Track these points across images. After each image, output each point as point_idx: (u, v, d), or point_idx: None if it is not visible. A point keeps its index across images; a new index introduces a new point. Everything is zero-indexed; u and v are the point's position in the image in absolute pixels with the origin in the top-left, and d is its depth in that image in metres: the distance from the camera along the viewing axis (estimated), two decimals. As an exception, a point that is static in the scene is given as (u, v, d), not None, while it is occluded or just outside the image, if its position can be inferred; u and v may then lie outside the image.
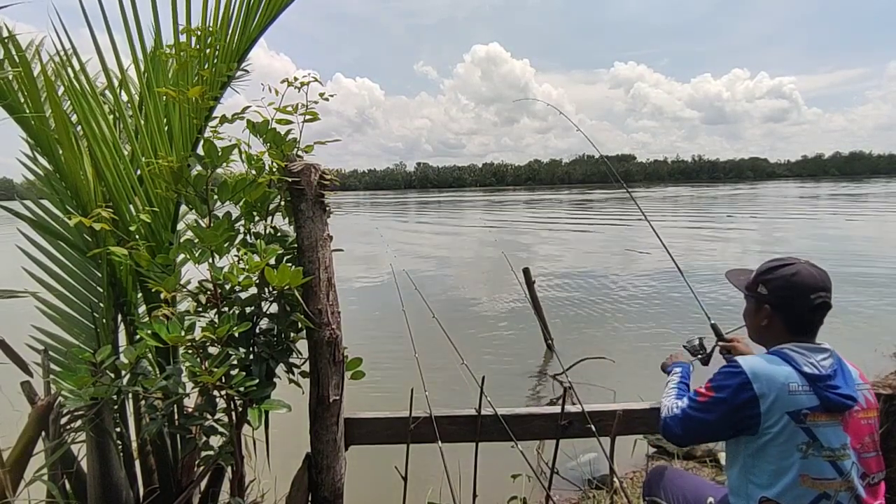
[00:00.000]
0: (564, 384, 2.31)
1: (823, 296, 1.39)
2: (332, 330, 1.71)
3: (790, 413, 1.32)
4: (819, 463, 1.31)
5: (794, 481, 1.31)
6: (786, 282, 1.43)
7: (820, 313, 1.42)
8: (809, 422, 1.32)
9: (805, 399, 1.32)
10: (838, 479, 1.32)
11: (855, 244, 14.14)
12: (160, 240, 1.79)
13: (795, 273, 1.42)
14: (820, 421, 1.32)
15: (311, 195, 1.69)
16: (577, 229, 21.34)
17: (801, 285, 1.40)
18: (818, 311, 1.41)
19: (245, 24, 1.77)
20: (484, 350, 6.29)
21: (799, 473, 1.31)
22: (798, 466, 1.31)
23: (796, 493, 1.31)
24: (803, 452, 1.31)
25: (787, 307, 1.43)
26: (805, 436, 1.31)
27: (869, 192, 44.50)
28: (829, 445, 1.32)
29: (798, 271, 1.42)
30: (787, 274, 1.43)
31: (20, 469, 1.59)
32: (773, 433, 1.32)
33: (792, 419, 1.31)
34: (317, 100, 1.80)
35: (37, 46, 2.11)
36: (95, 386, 1.46)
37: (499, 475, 2.16)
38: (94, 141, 1.73)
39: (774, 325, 1.46)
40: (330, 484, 1.80)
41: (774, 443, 1.33)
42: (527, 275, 6.06)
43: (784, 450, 1.32)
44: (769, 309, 1.46)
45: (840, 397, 1.33)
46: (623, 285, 9.63)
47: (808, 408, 1.32)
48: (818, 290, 1.39)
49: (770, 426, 1.32)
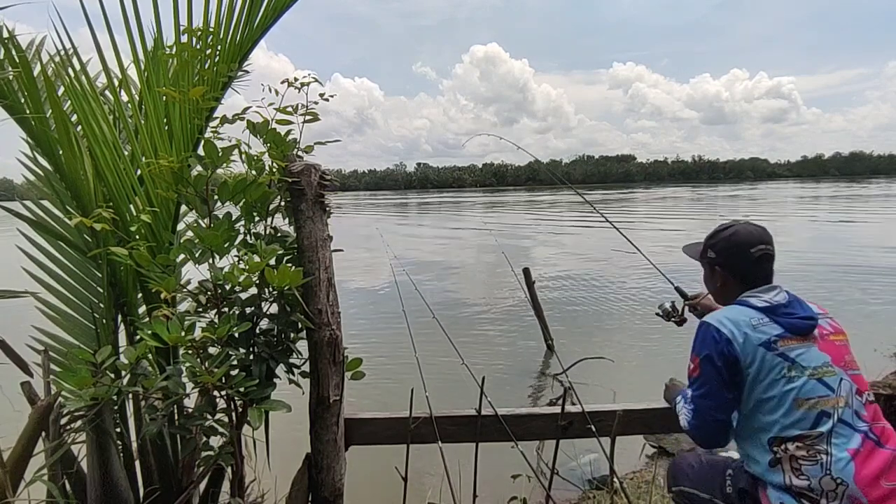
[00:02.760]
0: (564, 384, 2.31)
1: (763, 248, 1.53)
2: (332, 330, 1.71)
3: (762, 345, 1.40)
4: (806, 383, 1.36)
5: (790, 408, 1.35)
6: (727, 241, 1.58)
7: (764, 264, 1.54)
8: (782, 347, 1.40)
9: (770, 328, 1.42)
10: (832, 396, 1.36)
11: (855, 243, 14.14)
12: (160, 240, 1.79)
13: (734, 233, 1.58)
14: (792, 345, 1.41)
15: (311, 195, 1.69)
16: (576, 229, 21.34)
17: (741, 242, 1.55)
18: (762, 263, 1.53)
19: (247, 24, 1.77)
20: (484, 350, 6.29)
21: (792, 399, 1.36)
22: (788, 393, 1.36)
23: (796, 419, 1.35)
24: (787, 377, 1.37)
25: (733, 264, 1.57)
26: (783, 360, 1.39)
27: (871, 194, 44.51)
28: (809, 364, 1.39)
29: (737, 231, 1.57)
30: (727, 235, 1.59)
31: (20, 469, 1.59)
32: (755, 370, 1.39)
33: (766, 349, 1.40)
34: (317, 100, 1.80)
35: (37, 46, 2.11)
36: (96, 386, 1.46)
37: (499, 475, 2.16)
38: (95, 141, 1.73)
39: (728, 283, 1.59)
40: (330, 484, 1.80)
41: (759, 380, 1.39)
42: (527, 275, 6.06)
43: (770, 382, 1.38)
44: (720, 270, 1.60)
45: (800, 319, 1.44)
46: (623, 285, 9.63)
47: (776, 335, 1.41)
48: (757, 243, 1.53)
49: (750, 364, 1.40)
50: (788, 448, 1.34)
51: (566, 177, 3.36)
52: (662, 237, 16.26)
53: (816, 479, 1.30)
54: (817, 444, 1.33)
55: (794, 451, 1.34)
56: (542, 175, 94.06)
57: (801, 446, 1.33)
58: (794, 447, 1.34)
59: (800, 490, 1.32)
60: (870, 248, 13.25)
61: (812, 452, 1.32)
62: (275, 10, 1.79)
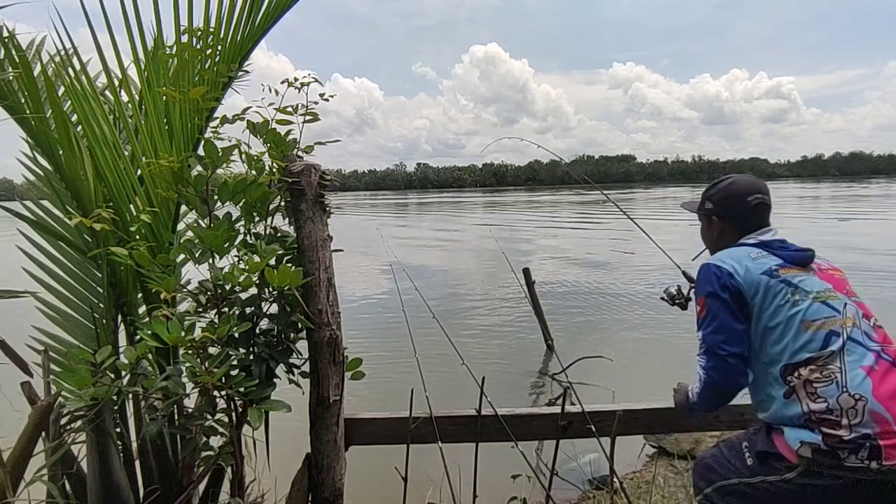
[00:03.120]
0: (564, 384, 2.31)
1: (759, 197, 1.56)
2: (332, 330, 1.71)
3: (764, 273, 1.42)
4: (811, 305, 1.36)
5: (797, 332, 1.34)
6: (725, 190, 1.62)
7: (761, 212, 1.57)
8: (784, 274, 1.42)
9: (769, 260, 1.45)
10: (838, 317, 1.35)
11: (857, 241, 14.14)
12: (160, 240, 1.79)
13: (732, 182, 1.62)
14: (792, 272, 1.42)
15: (311, 195, 1.69)
16: (576, 229, 21.34)
17: (738, 191, 1.58)
18: (758, 211, 1.56)
19: (247, 24, 1.77)
20: (484, 350, 6.29)
21: (799, 322, 1.35)
22: (794, 316, 1.35)
23: (805, 342, 1.33)
24: (791, 301, 1.37)
25: (731, 213, 1.59)
26: (786, 286, 1.40)
27: (871, 194, 44.50)
28: (812, 289, 1.39)
29: (734, 180, 1.62)
30: (724, 185, 1.63)
31: (20, 469, 1.59)
32: (759, 299, 1.40)
33: (768, 276, 1.41)
34: (316, 100, 1.80)
35: (37, 47, 2.11)
36: (95, 386, 1.46)
37: (499, 475, 2.15)
38: (95, 141, 1.73)
39: (726, 233, 1.61)
40: (330, 484, 1.80)
41: (764, 308, 1.39)
42: (527, 275, 6.05)
43: (775, 309, 1.38)
44: (717, 220, 1.62)
45: (797, 251, 1.47)
46: (622, 285, 9.63)
47: (776, 265, 1.43)
48: (754, 192, 1.56)
49: (754, 294, 1.40)
50: (801, 373, 1.31)
51: (566, 177, 3.39)
52: (663, 239, 16.22)
53: (834, 399, 1.26)
54: (830, 364, 1.29)
55: (808, 375, 1.30)
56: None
57: (814, 368, 1.30)
58: (806, 371, 1.30)
59: (819, 416, 1.27)
60: (871, 244, 13.25)
61: (826, 373, 1.29)
62: (275, 10, 1.79)
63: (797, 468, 1.30)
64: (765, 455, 1.38)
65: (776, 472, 1.35)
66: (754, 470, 1.41)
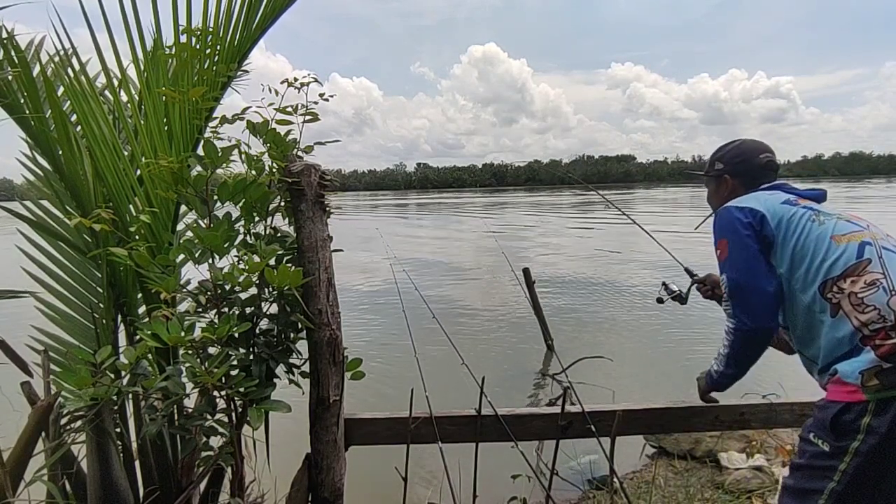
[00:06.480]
0: (564, 384, 2.31)
1: (769, 156, 1.64)
2: (332, 330, 1.71)
3: (784, 203, 1.45)
4: (836, 223, 1.38)
5: (829, 246, 1.33)
6: (735, 149, 1.69)
7: (769, 170, 1.63)
8: (803, 203, 1.46)
9: (784, 195, 1.50)
10: (866, 230, 1.35)
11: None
12: (160, 240, 1.79)
13: (741, 142, 1.70)
14: (810, 203, 1.47)
15: (311, 196, 1.69)
16: (576, 230, 21.33)
17: (749, 150, 1.66)
18: (767, 169, 1.63)
19: (246, 25, 1.77)
20: (484, 350, 6.29)
21: (829, 237, 1.34)
22: (824, 234, 1.35)
23: (839, 254, 1.31)
24: (817, 221, 1.38)
25: (741, 170, 1.65)
26: (808, 210, 1.42)
27: (872, 195, 44.46)
28: (833, 212, 1.42)
29: (743, 141, 1.70)
30: (734, 145, 1.70)
31: (20, 469, 1.59)
32: (784, 224, 1.40)
33: (789, 205, 1.44)
34: (316, 100, 1.80)
35: (36, 47, 2.11)
36: (95, 386, 1.46)
37: (499, 475, 2.15)
38: (94, 141, 1.73)
39: (736, 189, 1.64)
40: (330, 484, 1.79)
41: (791, 232, 1.39)
42: (527, 275, 6.05)
43: (802, 230, 1.38)
44: (728, 178, 1.67)
45: (810, 190, 1.53)
46: (623, 285, 9.63)
47: (793, 196, 1.49)
48: (763, 151, 1.65)
49: (778, 223, 1.41)
50: (843, 286, 1.26)
51: (567, 178, 3.39)
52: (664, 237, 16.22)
53: (884, 303, 1.20)
54: (871, 271, 1.25)
55: (850, 287, 1.25)
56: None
57: (855, 279, 1.25)
58: (847, 283, 1.26)
59: (872, 327, 1.18)
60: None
61: (869, 280, 1.24)
62: (274, 10, 1.79)
63: (870, 406, 1.13)
64: (836, 418, 1.18)
65: (856, 431, 1.15)
66: (835, 451, 1.18)
